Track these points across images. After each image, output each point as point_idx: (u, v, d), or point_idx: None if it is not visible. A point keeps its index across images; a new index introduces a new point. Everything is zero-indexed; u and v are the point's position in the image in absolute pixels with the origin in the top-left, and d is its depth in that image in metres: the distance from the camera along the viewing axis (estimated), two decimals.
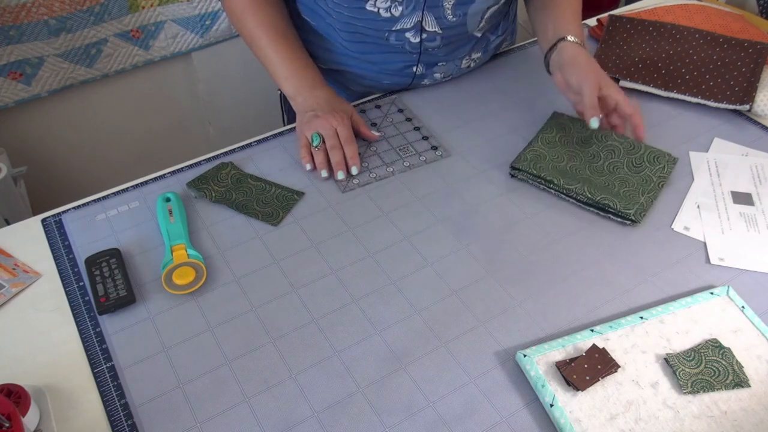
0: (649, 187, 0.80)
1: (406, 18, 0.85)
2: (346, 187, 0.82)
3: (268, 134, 0.91)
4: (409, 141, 0.90)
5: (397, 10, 0.83)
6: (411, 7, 0.83)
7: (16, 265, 0.73)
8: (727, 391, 0.61)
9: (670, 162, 0.84)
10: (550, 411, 0.59)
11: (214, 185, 0.81)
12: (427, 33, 0.87)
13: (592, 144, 0.86)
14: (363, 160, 0.86)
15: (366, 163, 0.86)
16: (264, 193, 0.81)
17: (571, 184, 0.80)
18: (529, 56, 1.07)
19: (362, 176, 0.84)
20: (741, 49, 0.98)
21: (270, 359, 0.64)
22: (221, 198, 0.80)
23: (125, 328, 0.67)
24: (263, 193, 0.81)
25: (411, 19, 0.85)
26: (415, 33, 0.87)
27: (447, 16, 0.85)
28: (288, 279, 0.72)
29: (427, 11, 0.84)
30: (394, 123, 0.92)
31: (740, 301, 0.68)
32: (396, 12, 0.84)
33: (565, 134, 0.88)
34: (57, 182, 1.71)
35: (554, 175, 0.81)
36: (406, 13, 0.84)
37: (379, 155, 0.87)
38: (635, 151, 0.84)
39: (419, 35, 0.87)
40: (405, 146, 0.89)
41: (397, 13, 0.84)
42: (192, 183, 0.81)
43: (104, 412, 0.60)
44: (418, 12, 0.84)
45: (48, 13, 1.37)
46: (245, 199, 0.80)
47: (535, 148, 0.85)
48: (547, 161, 0.83)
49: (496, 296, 0.70)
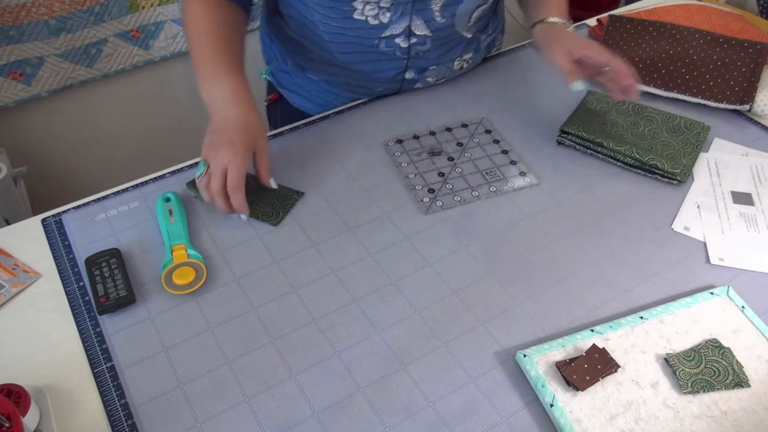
0: (689, 149, 0.86)
1: (395, 24, 0.84)
2: (429, 209, 0.79)
3: (268, 134, 0.91)
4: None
5: (386, 17, 0.82)
6: (399, 13, 0.82)
7: (16, 265, 0.73)
8: (727, 391, 0.61)
9: (705, 129, 0.89)
10: (550, 411, 0.59)
11: None
12: (416, 37, 0.86)
13: (630, 115, 0.91)
14: None
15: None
16: (264, 192, 0.81)
17: (620, 146, 0.84)
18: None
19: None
20: (741, 49, 0.98)
21: (270, 359, 0.64)
22: None
23: (125, 328, 0.67)
24: (263, 193, 0.81)
25: (400, 24, 0.84)
26: (404, 38, 0.86)
27: (436, 18, 0.84)
28: (288, 279, 0.72)
29: (415, 15, 0.83)
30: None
31: (740, 301, 0.68)
32: (384, 19, 0.82)
33: (604, 106, 0.93)
34: (57, 182, 1.71)
35: (603, 138, 0.85)
36: (394, 19, 0.83)
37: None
38: (671, 120, 0.90)
39: (408, 40, 0.86)
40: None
41: (386, 20, 0.83)
42: (192, 183, 0.81)
43: (104, 412, 0.60)
44: (407, 17, 0.83)
45: (48, 13, 1.37)
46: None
47: (579, 116, 0.90)
48: (594, 127, 0.88)
49: (496, 296, 0.70)
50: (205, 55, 0.79)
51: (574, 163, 0.86)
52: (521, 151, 0.88)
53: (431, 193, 0.82)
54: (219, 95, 0.77)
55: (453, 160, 0.86)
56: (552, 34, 0.86)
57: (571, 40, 0.84)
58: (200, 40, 0.80)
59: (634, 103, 0.92)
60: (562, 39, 0.84)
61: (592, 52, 0.82)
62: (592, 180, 0.84)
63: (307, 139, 0.90)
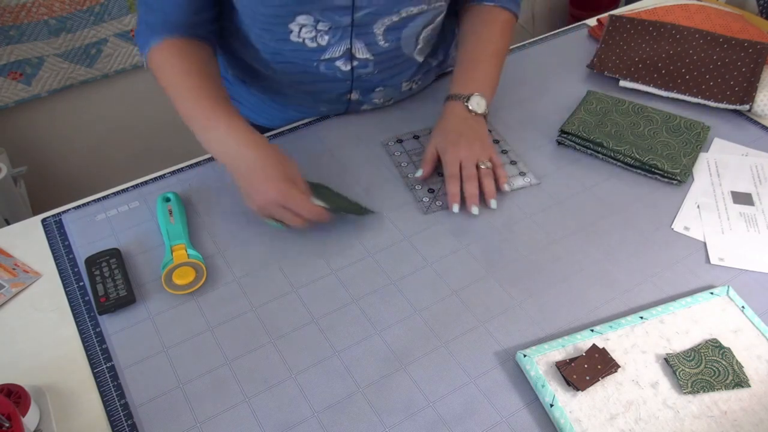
0: (689, 149, 0.86)
1: (333, 47, 0.79)
2: (429, 209, 0.80)
3: (272, 133, 0.91)
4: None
5: (324, 40, 0.78)
6: (338, 36, 0.78)
7: (16, 265, 0.73)
8: (727, 391, 0.61)
9: (705, 129, 0.89)
10: (550, 411, 0.59)
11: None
12: (358, 60, 0.82)
13: (630, 115, 0.91)
14: None
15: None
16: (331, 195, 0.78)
17: (620, 146, 0.84)
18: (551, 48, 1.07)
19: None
20: (741, 49, 0.98)
21: (270, 359, 0.64)
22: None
23: (125, 328, 0.67)
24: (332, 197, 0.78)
25: (339, 47, 0.80)
26: (345, 61, 0.82)
27: (379, 42, 0.80)
28: (288, 279, 0.72)
29: (356, 39, 0.79)
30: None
31: (740, 301, 0.68)
32: (323, 41, 0.78)
33: (605, 106, 0.92)
34: (57, 182, 1.72)
35: (603, 138, 0.85)
36: (333, 42, 0.79)
37: None
38: (671, 120, 0.90)
39: (350, 63, 0.82)
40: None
41: (324, 43, 0.79)
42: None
43: (104, 412, 0.60)
44: (346, 40, 0.79)
45: (48, 13, 1.37)
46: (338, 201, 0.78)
47: (579, 116, 0.90)
48: (594, 127, 0.88)
49: (496, 296, 0.70)
50: (196, 106, 0.74)
51: (574, 163, 0.86)
52: (521, 151, 0.88)
53: (431, 192, 0.82)
54: (232, 144, 0.72)
55: None
56: (445, 113, 0.83)
57: (441, 136, 0.81)
58: (183, 93, 0.75)
59: (635, 103, 0.92)
60: (443, 127, 0.82)
61: (445, 159, 0.80)
62: (592, 180, 0.84)
63: (307, 139, 0.90)
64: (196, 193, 0.82)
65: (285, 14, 0.75)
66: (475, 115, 0.82)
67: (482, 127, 0.83)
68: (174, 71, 0.75)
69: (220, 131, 0.72)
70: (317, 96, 0.89)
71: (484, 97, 0.83)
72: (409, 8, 0.77)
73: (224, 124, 0.72)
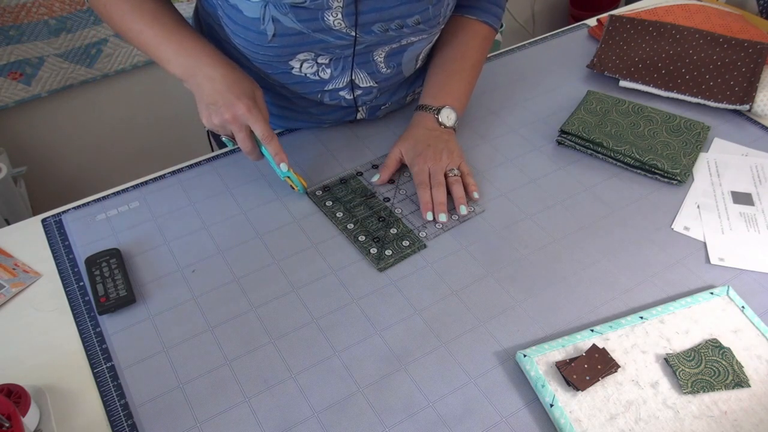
0: (689, 149, 0.86)
1: (336, 79, 0.80)
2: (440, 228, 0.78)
3: None
4: None
5: (326, 73, 0.78)
6: (340, 68, 0.78)
7: (16, 265, 0.73)
8: (727, 391, 0.61)
9: (705, 129, 0.89)
10: (550, 411, 0.59)
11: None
12: (361, 89, 0.82)
13: (630, 115, 0.91)
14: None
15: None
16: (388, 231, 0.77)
17: (620, 146, 0.84)
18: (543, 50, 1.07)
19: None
20: (741, 49, 0.98)
21: (270, 359, 0.64)
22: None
23: (125, 328, 0.67)
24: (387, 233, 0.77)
25: (342, 79, 0.80)
26: (348, 90, 0.82)
27: (381, 70, 0.81)
28: (288, 279, 0.72)
29: (357, 68, 0.79)
30: None
31: (740, 301, 0.68)
32: (325, 75, 0.79)
33: (604, 106, 0.93)
34: (57, 182, 1.72)
35: (602, 138, 0.86)
36: (335, 75, 0.79)
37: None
38: (671, 120, 0.90)
39: (353, 92, 0.83)
40: None
41: (326, 76, 0.79)
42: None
43: (104, 412, 0.60)
44: (348, 71, 0.79)
45: (48, 13, 1.38)
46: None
47: (579, 116, 0.90)
48: (594, 127, 0.88)
49: (496, 296, 0.70)
50: (155, 24, 0.73)
51: (574, 163, 0.86)
52: (521, 151, 0.88)
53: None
54: (194, 64, 0.73)
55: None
56: (414, 123, 0.84)
57: (416, 144, 0.81)
58: (139, 16, 0.73)
59: (634, 103, 0.92)
60: (411, 136, 0.82)
61: (413, 170, 0.80)
62: (592, 180, 0.84)
63: (307, 139, 0.90)
64: (196, 193, 0.82)
65: (285, 54, 0.75)
66: (444, 128, 0.83)
67: (451, 138, 0.83)
68: (127, 10, 0.73)
69: (187, 54, 0.73)
70: (323, 118, 0.90)
71: (455, 110, 0.84)
72: (410, 38, 0.77)
73: (189, 41, 0.73)
